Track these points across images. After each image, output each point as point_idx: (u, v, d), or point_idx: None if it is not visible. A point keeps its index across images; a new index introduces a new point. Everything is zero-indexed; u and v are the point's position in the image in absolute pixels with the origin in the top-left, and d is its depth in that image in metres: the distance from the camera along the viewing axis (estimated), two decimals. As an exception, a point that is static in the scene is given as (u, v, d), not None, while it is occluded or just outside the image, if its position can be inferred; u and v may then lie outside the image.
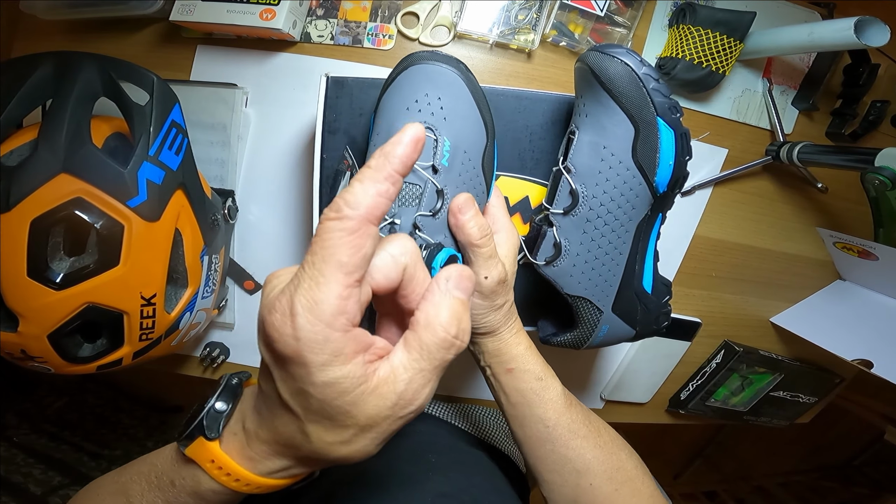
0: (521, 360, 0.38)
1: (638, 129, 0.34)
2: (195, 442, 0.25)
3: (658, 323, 0.43)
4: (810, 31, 0.47)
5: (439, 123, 0.33)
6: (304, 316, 0.18)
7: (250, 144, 0.54)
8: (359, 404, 0.20)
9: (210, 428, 0.25)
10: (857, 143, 0.60)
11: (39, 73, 0.37)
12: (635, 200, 0.36)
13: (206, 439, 0.24)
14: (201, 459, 0.25)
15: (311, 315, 0.18)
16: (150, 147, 0.37)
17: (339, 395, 0.20)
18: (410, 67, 0.34)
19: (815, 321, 0.65)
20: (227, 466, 0.24)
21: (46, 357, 0.37)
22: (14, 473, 0.71)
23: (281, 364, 0.20)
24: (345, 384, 0.19)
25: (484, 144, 0.37)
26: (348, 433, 0.21)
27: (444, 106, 0.34)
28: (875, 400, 1.34)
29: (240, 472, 0.24)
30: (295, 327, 0.18)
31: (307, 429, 0.21)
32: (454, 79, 0.34)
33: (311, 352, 0.19)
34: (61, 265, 0.35)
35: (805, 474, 1.63)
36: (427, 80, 0.34)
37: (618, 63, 0.34)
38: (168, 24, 0.49)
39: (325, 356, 0.19)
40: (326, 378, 0.19)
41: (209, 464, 0.25)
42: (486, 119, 0.36)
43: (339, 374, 0.19)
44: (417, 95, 0.34)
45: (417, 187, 0.33)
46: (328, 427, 0.21)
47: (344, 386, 0.19)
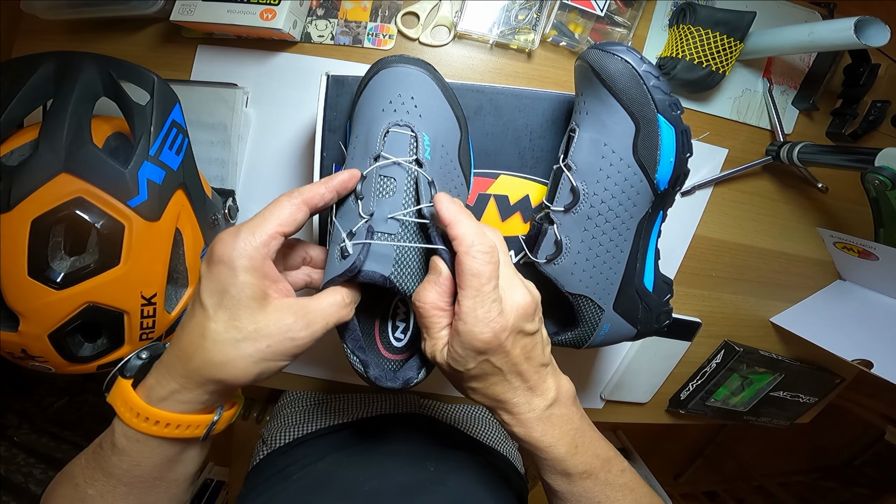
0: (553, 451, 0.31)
1: (638, 127, 0.34)
2: (114, 387, 0.29)
3: (659, 321, 0.43)
4: (810, 31, 0.47)
5: (415, 121, 0.34)
6: (244, 235, 0.27)
7: (251, 144, 0.54)
8: (262, 311, 0.27)
9: (128, 370, 0.29)
10: (857, 143, 0.60)
11: (40, 72, 0.37)
12: (636, 198, 0.36)
13: (122, 378, 0.28)
14: (116, 400, 0.28)
15: (248, 236, 0.27)
16: (151, 147, 0.37)
17: (249, 297, 0.26)
18: (381, 71, 0.35)
19: (815, 321, 0.65)
20: (131, 400, 0.27)
21: (47, 357, 0.37)
22: (15, 473, 0.71)
23: (215, 265, 0.27)
24: (251, 289, 0.27)
25: (458, 138, 0.38)
26: (241, 334, 0.26)
27: (417, 104, 0.35)
28: (875, 400, 1.34)
29: (139, 405, 0.27)
30: (235, 239, 0.27)
31: (209, 326, 0.26)
32: (424, 78, 0.35)
33: (239, 257, 0.26)
34: (62, 265, 0.35)
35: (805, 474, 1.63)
36: (398, 81, 0.35)
37: (618, 60, 0.34)
38: (168, 23, 0.50)
39: (247, 263, 0.26)
40: (244, 279, 0.26)
41: (120, 404, 0.28)
42: (457, 114, 0.38)
43: (253, 280, 0.27)
44: (391, 96, 0.35)
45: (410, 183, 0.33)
46: (229, 325, 0.26)
47: (254, 291, 0.27)
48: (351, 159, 0.35)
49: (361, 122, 0.36)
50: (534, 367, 0.31)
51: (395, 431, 0.56)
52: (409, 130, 0.34)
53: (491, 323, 0.27)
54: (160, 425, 0.27)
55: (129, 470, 0.28)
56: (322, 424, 0.57)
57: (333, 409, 0.59)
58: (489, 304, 0.27)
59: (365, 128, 0.35)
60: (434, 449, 0.51)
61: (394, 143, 0.34)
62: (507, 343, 0.28)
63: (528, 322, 0.30)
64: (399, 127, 0.34)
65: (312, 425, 0.57)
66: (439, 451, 0.51)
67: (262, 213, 0.29)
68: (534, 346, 0.31)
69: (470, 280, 0.27)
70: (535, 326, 0.30)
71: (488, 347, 0.28)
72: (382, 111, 0.34)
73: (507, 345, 0.28)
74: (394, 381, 0.34)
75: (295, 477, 0.46)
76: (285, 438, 0.56)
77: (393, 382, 0.34)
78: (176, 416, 0.27)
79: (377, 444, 0.51)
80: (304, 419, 0.58)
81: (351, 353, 0.34)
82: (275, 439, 0.56)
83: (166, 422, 0.27)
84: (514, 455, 0.62)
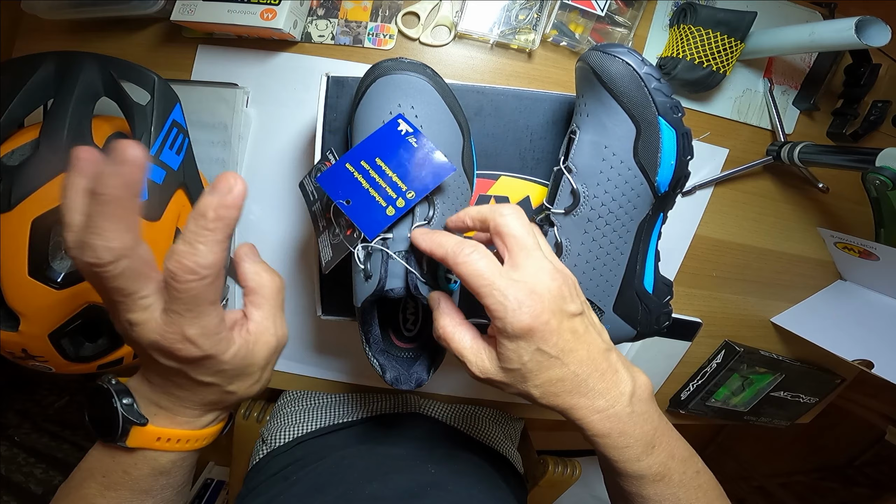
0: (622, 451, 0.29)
1: (639, 129, 0.34)
2: (131, 434, 0.28)
3: (659, 323, 0.43)
4: (811, 31, 0.47)
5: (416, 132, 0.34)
6: (200, 338, 0.25)
7: (251, 144, 0.54)
8: (255, 355, 0.29)
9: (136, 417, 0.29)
10: (858, 143, 0.60)
11: (41, 72, 0.37)
12: (636, 200, 0.36)
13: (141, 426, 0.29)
14: (146, 442, 0.29)
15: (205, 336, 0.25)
16: (151, 147, 0.37)
17: (242, 359, 0.28)
18: (379, 79, 0.35)
19: (815, 321, 0.65)
20: (175, 434, 0.30)
21: (47, 356, 0.38)
22: (15, 473, 0.71)
23: (196, 364, 0.26)
24: (242, 352, 0.28)
25: (461, 144, 0.37)
26: (256, 375, 0.30)
27: (418, 114, 0.34)
28: (876, 400, 1.34)
29: (185, 434, 0.30)
30: (198, 347, 0.25)
31: (229, 388, 0.29)
32: (424, 85, 0.35)
33: (215, 351, 0.26)
34: (62, 265, 0.35)
35: (805, 474, 1.63)
36: (397, 90, 0.34)
37: (619, 62, 0.34)
38: (169, 23, 0.49)
39: (222, 347, 0.26)
40: (229, 356, 0.27)
41: (157, 442, 0.29)
42: (459, 120, 0.37)
43: (235, 349, 0.27)
44: (391, 107, 0.34)
45: None
46: (244, 379, 0.30)
47: (242, 353, 0.28)
48: None
49: (362, 133, 0.36)
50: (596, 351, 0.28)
51: (396, 432, 0.56)
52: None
53: (524, 307, 0.26)
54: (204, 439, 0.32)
55: (166, 484, 0.31)
56: (322, 424, 0.57)
57: (333, 409, 0.59)
58: (511, 292, 0.26)
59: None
60: (434, 450, 0.51)
61: None
62: (553, 324, 0.26)
63: (566, 302, 0.27)
64: None
65: (312, 425, 0.57)
66: (439, 453, 0.51)
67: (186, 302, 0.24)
68: (585, 328, 0.28)
69: (475, 282, 0.27)
70: (578, 307, 0.28)
71: (533, 331, 0.26)
72: (383, 122, 0.34)
73: (552, 325, 0.26)
74: (408, 384, 0.37)
75: (294, 478, 0.46)
76: (285, 438, 0.56)
77: (407, 385, 0.37)
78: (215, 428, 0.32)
79: (377, 445, 0.51)
80: (303, 418, 0.58)
81: (372, 356, 0.38)
82: (275, 439, 0.56)
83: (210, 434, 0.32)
84: (514, 455, 0.62)
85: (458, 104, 0.38)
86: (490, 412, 0.65)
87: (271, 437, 0.57)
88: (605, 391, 0.28)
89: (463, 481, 0.45)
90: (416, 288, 0.33)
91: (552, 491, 0.70)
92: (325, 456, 0.49)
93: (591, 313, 0.31)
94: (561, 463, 0.69)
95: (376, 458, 0.48)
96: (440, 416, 0.61)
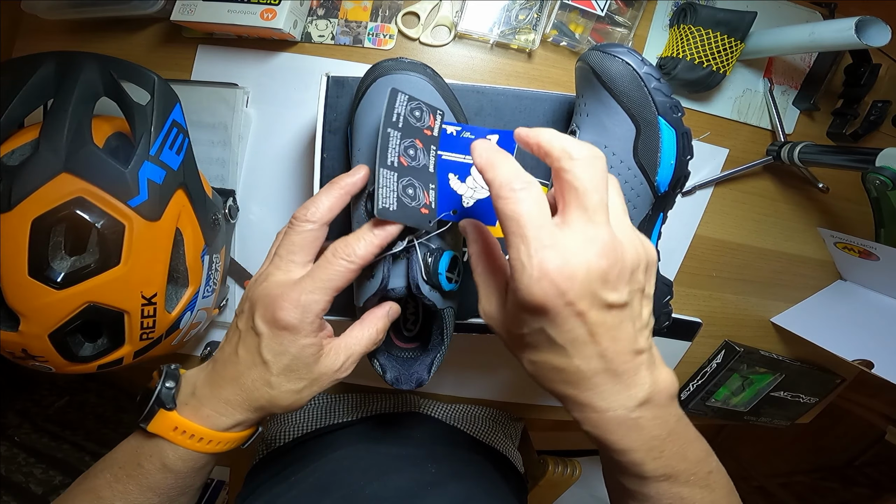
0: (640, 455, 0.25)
1: (639, 129, 0.34)
2: (156, 417, 0.30)
3: (659, 323, 0.43)
4: (811, 31, 0.47)
5: None
6: (305, 307, 0.29)
7: (251, 144, 0.54)
8: (317, 362, 0.31)
9: (167, 401, 0.30)
10: (858, 143, 0.60)
11: (41, 72, 0.37)
12: (636, 200, 0.36)
13: (166, 410, 0.30)
14: (164, 430, 0.30)
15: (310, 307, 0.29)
16: (151, 147, 0.37)
17: (311, 355, 0.30)
18: (378, 79, 0.35)
19: (815, 321, 0.65)
20: (190, 428, 0.30)
21: (47, 356, 0.37)
22: (15, 473, 0.71)
23: (278, 332, 0.29)
24: (312, 348, 0.30)
25: None
26: (302, 384, 0.31)
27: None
28: (876, 400, 1.34)
29: (202, 431, 0.30)
30: (299, 311, 0.29)
31: (273, 380, 0.30)
32: (423, 85, 0.35)
33: (303, 326, 0.29)
34: (62, 265, 0.35)
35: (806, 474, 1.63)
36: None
37: (619, 62, 0.34)
38: (169, 23, 0.50)
39: (308, 329, 0.29)
40: (305, 342, 0.29)
41: (172, 432, 0.30)
42: (459, 119, 0.38)
43: (312, 341, 0.30)
44: None
45: None
46: (291, 378, 0.30)
47: (312, 350, 0.30)
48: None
49: (362, 134, 0.36)
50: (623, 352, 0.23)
51: (396, 431, 0.56)
52: None
53: (543, 280, 0.21)
54: (222, 444, 0.31)
55: (173, 484, 0.31)
56: (322, 423, 0.57)
57: (334, 409, 0.59)
58: (538, 256, 0.21)
59: (367, 141, 0.35)
60: (434, 450, 0.51)
61: None
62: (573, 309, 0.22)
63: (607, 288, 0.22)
64: None
65: (312, 424, 0.57)
66: (440, 453, 0.51)
67: (318, 274, 0.29)
68: (620, 323, 0.23)
69: (508, 226, 0.23)
70: (622, 297, 0.23)
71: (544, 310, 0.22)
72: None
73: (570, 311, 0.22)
74: (408, 383, 0.37)
75: (294, 478, 0.46)
76: (285, 437, 0.56)
77: (408, 385, 0.37)
78: (238, 436, 0.32)
79: (377, 445, 0.51)
80: (304, 418, 0.58)
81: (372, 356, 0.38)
82: (275, 438, 0.56)
83: (227, 441, 0.31)
84: (514, 455, 0.62)
85: (458, 104, 0.38)
86: (490, 412, 0.65)
87: (272, 437, 0.57)
88: (610, 393, 0.24)
89: (463, 481, 0.45)
90: (418, 287, 0.33)
91: (552, 491, 0.70)
92: (325, 456, 0.49)
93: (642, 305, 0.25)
94: (561, 463, 0.69)
95: (376, 458, 0.48)
96: (441, 416, 0.61)
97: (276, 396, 0.30)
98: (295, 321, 0.28)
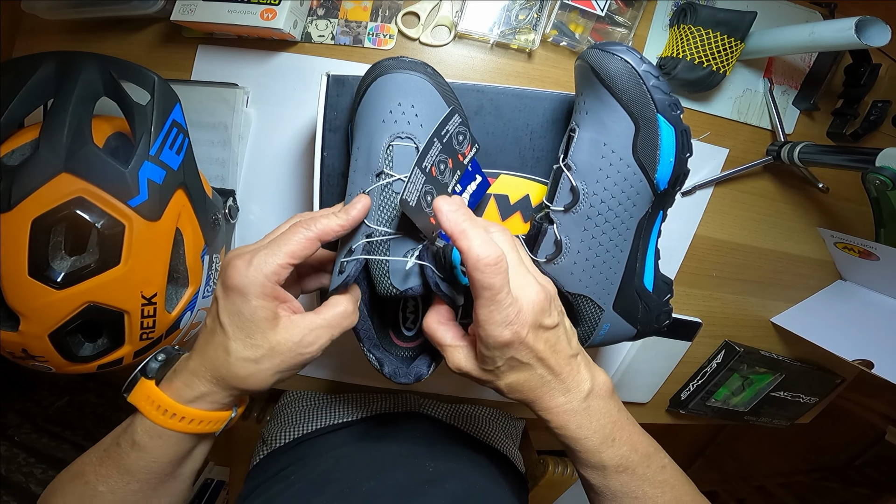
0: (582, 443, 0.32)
1: (638, 126, 0.34)
2: (136, 386, 0.31)
3: (659, 322, 0.42)
4: (811, 30, 0.47)
5: (416, 131, 0.34)
6: (255, 264, 0.29)
7: (251, 144, 0.54)
8: (273, 329, 0.30)
9: (149, 371, 0.32)
10: (858, 143, 0.60)
11: (41, 72, 0.37)
12: (636, 198, 0.36)
13: (146, 379, 0.31)
14: (140, 400, 0.31)
15: (260, 265, 0.29)
16: (151, 147, 0.37)
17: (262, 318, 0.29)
18: (379, 78, 0.35)
19: (815, 321, 0.65)
20: (158, 398, 0.30)
21: (47, 356, 0.37)
22: (15, 473, 0.71)
23: (229, 292, 0.29)
24: (264, 311, 0.29)
25: None
26: (259, 352, 0.30)
27: (418, 113, 0.35)
28: (876, 400, 1.33)
29: (167, 402, 0.30)
30: (248, 268, 0.29)
31: (230, 345, 0.30)
32: (423, 84, 0.35)
33: (251, 286, 0.29)
34: (62, 264, 0.35)
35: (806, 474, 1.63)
36: (397, 89, 0.35)
37: (618, 60, 0.34)
38: (169, 23, 0.50)
39: (258, 290, 0.29)
40: (256, 303, 0.29)
41: (145, 403, 0.30)
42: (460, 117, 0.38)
43: (263, 303, 0.29)
44: (391, 106, 0.35)
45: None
46: (247, 344, 0.30)
47: (265, 313, 0.29)
48: (354, 172, 0.36)
49: (363, 133, 0.36)
50: (563, 358, 0.31)
51: (395, 431, 0.56)
52: (412, 142, 0.34)
53: (510, 325, 0.28)
54: (185, 421, 0.31)
55: (145, 466, 0.31)
56: (322, 424, 0.57)
57: (333, 409, 0.59)
58: (505, 309, 0.28)
59: (367, 140, 0.35)
60: (433, 449, 0.51)
61: (398, 158, 0.34)
62: (529, 339, 0.29)
63: (545, 317, 0.30)
64: (401, 140, 0.34)
65: (312, 425, 0.57)
66: (439, 450, 0.51)
67: (276, 241, 0.30)
68: (557, 339, 0.31)
69: (482, 293, 0.28)
70: (554, 320, 0.31)
71: (510, 344, 0.29)
72: (383, 122, 0.35)
73: (528, 340, 0.29)
74: (407, 377, 0.36)
75: (293, 477, 0.46)
76: (285, 438, 0.56)
77: (406, 378, 0.36)
78: (201, 413, 0.31)
79: (376, 444, 0.51)
80: (303, 419, 0.58)
81: (368, 351, 0.37)
82: (275, 439, 0.56)
83: (191, 418, 0.31)
84: (514, 455, 0.62)
85: (458, 102, 0.38)
86: (490, 412, 0.65)
87: (271, 438, 0.57)
88: (565, 390, 0.31)
89: (462, 478, 0.45)
90: (437, 286, 0.33)
91: (552, 491, 0.70)
92: (323, 455, 0.49)
93: (566, 319, 0.33)
94: (561, 463, 0.69)
95: (375, 456, 0.48)
96: (440, 416, 0.61)
97: (234, 364, 0.30)
98: (244, 280, 0.29)
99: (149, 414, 0.30)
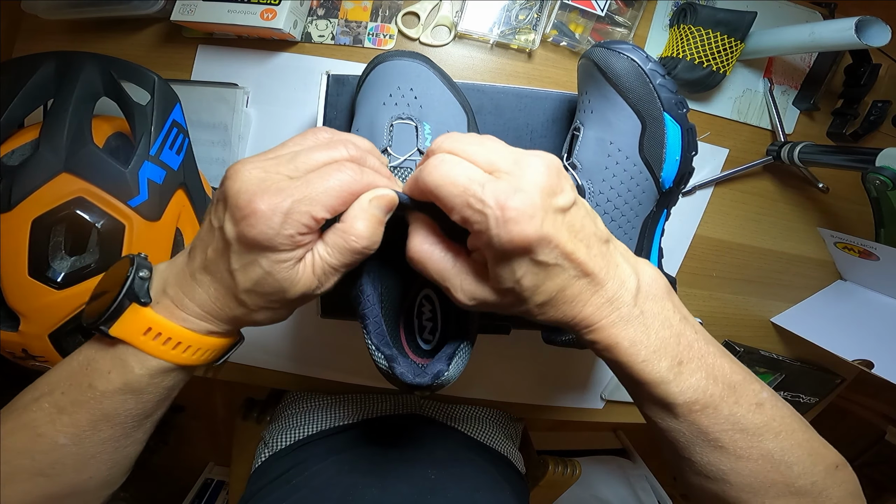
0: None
1: (644, 125, 0.34)
2: (124, 315, 0.24)
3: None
4: (811, 31, 0.47)
5: (416, 112, 0.35)
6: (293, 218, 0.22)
7: (251, 144, 0.54)
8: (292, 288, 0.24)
9: (141, 294, 0.24)
10: (858, 143, 0.60)
11: (41, 72, 0.37)
12: (641, 196, 0.36)
13: (140, 305, 0.24)
14: (132, 333, 0.24)
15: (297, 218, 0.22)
16: (151, 147, 0.37)
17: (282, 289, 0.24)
18: (379, 66, 0.36)
19: (815, 321, 0.65)
20: (168, 329, 0.24)
21: (48, 356, 0.37)
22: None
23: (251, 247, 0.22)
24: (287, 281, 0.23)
25: (466, 122, 0.38)
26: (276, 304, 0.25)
27: (417, 95, 0.35)
28: (876, 400, 1.34)
29: (181, 333, 0.24)
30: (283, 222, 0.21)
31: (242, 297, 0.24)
32: (421, 69, 0.36)
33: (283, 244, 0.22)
34: (62, 265, 0.35)
35: (805, 475, 1.63)
36: (397, 74, 0.36)
37: (624, 59, 0.34)
38: (169, 23, 0.49)
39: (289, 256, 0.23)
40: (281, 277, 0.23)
41: (142, 337, 0.24)
42: (461, 100, 0.38)
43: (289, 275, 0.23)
44: (391, 90, 0.35)
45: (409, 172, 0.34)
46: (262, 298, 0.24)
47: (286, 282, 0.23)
48: None
49: (363, 114, 0.36)
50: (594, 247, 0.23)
51: (396, 434, 0.56)
52: (411, 121, 0.35)
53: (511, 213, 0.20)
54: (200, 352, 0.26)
55: (132, 411, 0.26)
56: (322, 426, 0.57)
57: (334, 411, 0.59)
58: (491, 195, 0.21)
59: (367, 121, 0.36)
60: (434, 453, 0.51)
61: (400, 136, 0.34)
62: (548, 228, 0.21)
63: (556, 196, 0.22)
64: (402, 120, 0.34)
65: (313, 427, 0.57)
66: (440, 456, 0.51)
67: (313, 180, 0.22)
68: (580, 220, 0.23)
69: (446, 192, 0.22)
70: (569, 198, 0.23)
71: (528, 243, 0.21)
72: (383, 104, 0.35)
73: (548, 231, 0.21)
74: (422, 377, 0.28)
75: (294, 482, 0.46)
76: (286, 441, 0.56)
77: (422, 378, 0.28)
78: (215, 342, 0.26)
79: (377, 448, 0.51)
80: (304, 421, 0.58)
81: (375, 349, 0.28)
82: (276, 441, 0.56)
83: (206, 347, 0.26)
84: (514, 455, 0.62)
85: (457, 88, 0.38)
86: (490, 412, 0.65)
87: (272, 440, 0.57)
88: (607, 291, 0.23)
89: (464, 485, 0.45)
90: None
91: (552, 491, 0.70)
92: (325, 459, 0.49)
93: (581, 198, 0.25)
94: (561, 463, 0.69)
95: (376, 461, 0.48)
96: (440, 417, 0.61)
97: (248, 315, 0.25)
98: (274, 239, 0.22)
99: (152, 350, 0.24)
